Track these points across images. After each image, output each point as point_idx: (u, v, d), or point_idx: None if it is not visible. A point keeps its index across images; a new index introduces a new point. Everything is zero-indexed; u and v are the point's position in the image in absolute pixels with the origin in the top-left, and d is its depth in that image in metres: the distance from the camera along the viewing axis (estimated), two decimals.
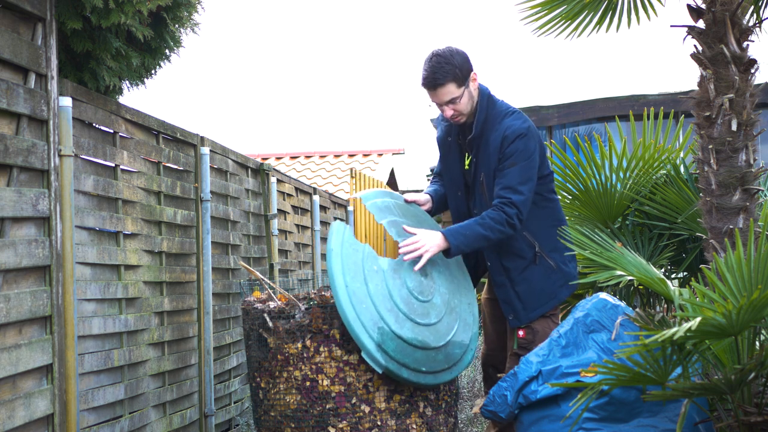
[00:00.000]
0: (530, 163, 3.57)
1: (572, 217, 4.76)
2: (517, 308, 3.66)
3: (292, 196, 6.91)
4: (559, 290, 3.70)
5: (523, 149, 3.56)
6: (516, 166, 3.55)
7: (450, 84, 3.54)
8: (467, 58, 3.60)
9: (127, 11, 3.35)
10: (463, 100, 3.58)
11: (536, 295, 3.65)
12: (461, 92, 3.56)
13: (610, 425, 3.06)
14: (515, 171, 3.54)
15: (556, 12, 4.15)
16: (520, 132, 3.57)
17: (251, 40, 50.54)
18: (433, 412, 3.53)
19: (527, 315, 3.66)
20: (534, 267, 3.65)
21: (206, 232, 4.71)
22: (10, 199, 2.88)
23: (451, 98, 3.56)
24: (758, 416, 2.81)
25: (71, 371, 3.24)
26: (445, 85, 3.54)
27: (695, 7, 3.61)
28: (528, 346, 3.63)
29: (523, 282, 3.65)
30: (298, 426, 3.42)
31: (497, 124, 3.62)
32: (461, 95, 3.57)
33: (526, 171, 3.56)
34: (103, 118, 3.69)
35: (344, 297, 3.29)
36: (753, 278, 2.80)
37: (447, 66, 3.53)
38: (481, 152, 3.65)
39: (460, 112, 3.61)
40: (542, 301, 3.66)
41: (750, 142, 3.53)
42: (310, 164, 13.52)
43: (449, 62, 3.53)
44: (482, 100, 3.64)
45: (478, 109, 3.63)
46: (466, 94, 3.58)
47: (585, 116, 10.90)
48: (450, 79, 3.53)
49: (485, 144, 3.63)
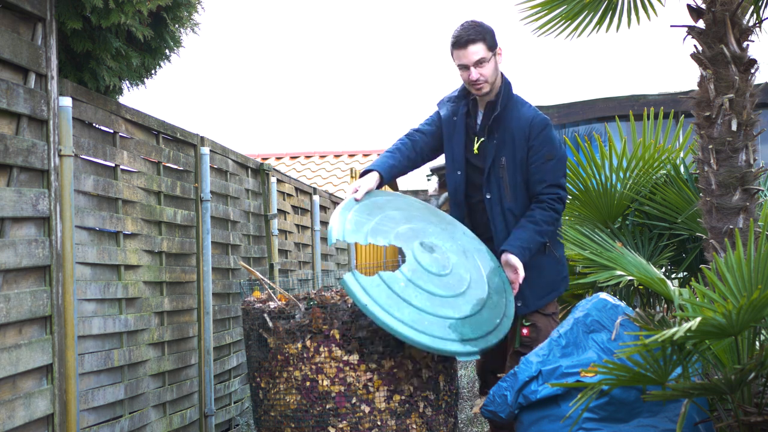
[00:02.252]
0: (563, 155, 3.69)
1: (572, 217, 4.76)
2: (526, 295, 3.68)
3: (292, 196, 6.91)
4: (560, 283, 3.79)
5: (553, 140, 3.67)
6: (553, 159, 3.65)
7: (480, 43, 3.61)
8: (495, 34, 3.69)
9: (127, 11, 3.35)
10: (490, 66, 3.64)
11: (544, 284, 3.71)
12: (490, 56, 3.63)
13: (610, 425, 3.06)
14: (554, 165, 3.65)
15: (556, 12, 4.15)
16: (547, 123, 3.69)
17: (251, 40, 50.54)
18: (433, 412, 3.53)
19: (535, 302, 3.70)
20: (543, 257, 3.72)
21: (206, 232, 4.71)
22: (10, 199, 2.88)
23: (479, 58, 3.61)
24: (758, 416, 2.81)
25: (71, 371, 3.24)
26: (476, 42, 3.61)
27: (695, 7, 3.61)
28: (531, 344, 3.64)
29: (534, 269, 3.66)
30: (298, 426, 3.42)
31: (517, 111, 3.69)
32: (489, 59, 3.63)
33: (563, 163, 3.70)
34: (103, 118, 3.69)
35: (409, 331, 3.24)
36: (753, 278, 2.80)
37: (479, 28, 3.63)
38: (500, 134, 3.69)
39: (486, 78, 3.65)
40: (547, 291, 3.73)
41: (750, 142, 3.53)
42: (310, 164, 13.52)
43: (481, 26, 3.65)
44: (505, 83, 3.73)
45: (502, 91, 3.70)
46: (492, 61, 3.65)
47: (585, 116, 10.90)
48: (481, 39, 3.61)
49: (506, 127, 3.68)
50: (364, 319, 3.38)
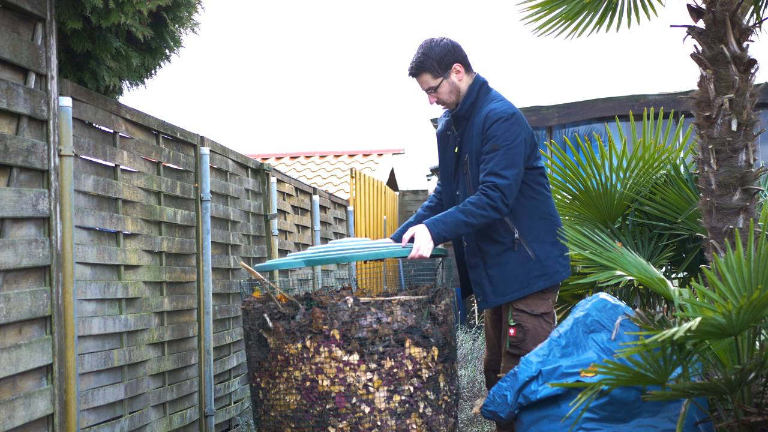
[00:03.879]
0: (514, 149, 3.58)
1: (572, 217, 4.76)
2: (486, 291, 3.69)
3: (292, 196, 6.91)
4: (534, 280, 3.65)
5: (504, 132, 3.59)
6: (499, 150, 3.58)
7: (425, 74, 3.68)
8: (451, 50, 3.68)
9: (127, 11, 3.35)
10: (443, 90, 3.69)
11: (507, 281, 3.65)
12: (438, 82, 3.68)
13: (610, 425, 3.06)
14: (498, 155, 3.58)
15: (556, 12, 4.15)
16: (502, 115, 3.62)
17: (251, 40, 50.55)
18: (433, 412, 3.52)
19: (495, 299, 3.68)
20: (511, 253, 3.66)
21: (206, 232, 4.71)
22: (10, 199, 2.88)
23: (428, 87, 3.71)
24: (758, 416, 2.81)
25: (71, 371, 3.24)
26: (420, 75, 3.69)
27: (695, 7, 3.61)
28: (519, 344, 3.62)
29: (497, 266, 3.66)
30: (298, 426, 3.42)
31: (483, 108, 3.69)
32: (438, 85, 3.68)
33: (508, 155, 3.58)
34: (103, 118, 3.69)
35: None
36: (753, 278, 2.80)
37: (423, 57, 3.67)
38: (466, 133, 3.72)
39: (443, 101, 3.73)
40: (513, 288, 3.65)
41: (750, 142, 3.53)
42: (310, 164, 13.52)
43: (426, 54, 3.67)
44: (474, 85, 3.73)
45: (468, 92, 3.72)
46: (445, 84, 3.68)
47: (585, 116, 10.90)
48: (424, 71, 3.67)
49: (470, 126, 3.71)
50: (364, 320, 3.38)
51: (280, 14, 52.42)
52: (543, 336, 3.60)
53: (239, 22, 49.90)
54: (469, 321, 10.71)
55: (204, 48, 51.07)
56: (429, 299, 3.53)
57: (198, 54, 42.22)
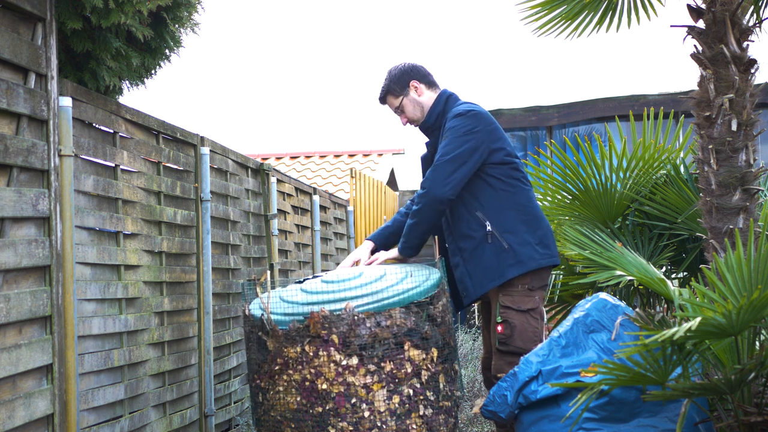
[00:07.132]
0: (459, 138, 3.68)
1: (572, 217, 4.76)
2: (467, 285, 3.75)
3: (292, 196, 6.91)
4: (507, 269, 3.68)
5: (455, 125, 3.71)
6: (447, 139, 3.72)
7: (389, 97, 3.92)
8: (408, 70, 3.88)
9: (127, 11, 3.35)
10: (407, 107, 3.89)
11: (484, 272, 3.72)
12: (399, 101, 3.89)
13: (610, 425, 3.06)
14: (442, 144, 3.73)
15: (556, 12, 4.15)
16: (458, 111, 3.75)
17: (251, 40, 50.53)
18: (433, 412, 3.53)
19: (476, 291, 3.74)
20: (486, 245, 3.72)
21: (206, 232, 4.71)
22: (10, 199, 2.88)
23: (394, 108, 3.93)
24: (758, 416, 2.81)
25: (71, 371, 3.24)
26: (386, 99, 3.93)
27: (695, 7, 3.61)
28: (507, 340, 3.64)
29: (473, 260, 3.74)
30: (298, 426, 3.42)
31: (449, 116, 3.82)
32: (400, 104, 3.89)
33: (453, 144, 3.69)
34: (103, 118, 3.69)
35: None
36: (753, 278, 2.80)
37: (385, 82, 3.92)
38: (439, 140, 3.84)
39: (410, 118, 3.92)
40: (489, 278, 3.71)
41: (750, 142, 3.53)
42: (310, 164, 13.52)
43: (387, 78, 3.91)
44: (440, 98, 3.87)
45: (435, 104, 3.88)
46: (407, 102, 3.88)
47: (585, 116, 10.89)
48: (388, 93, 3.91)
49: (441, 134, 3.83)
50: (362, 328, 3.38)
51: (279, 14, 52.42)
52: (530, 332, 3.63)
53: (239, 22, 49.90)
54: (469, 321, 10.71)
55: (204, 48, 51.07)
56: (427, 301, 3.53)
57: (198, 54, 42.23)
